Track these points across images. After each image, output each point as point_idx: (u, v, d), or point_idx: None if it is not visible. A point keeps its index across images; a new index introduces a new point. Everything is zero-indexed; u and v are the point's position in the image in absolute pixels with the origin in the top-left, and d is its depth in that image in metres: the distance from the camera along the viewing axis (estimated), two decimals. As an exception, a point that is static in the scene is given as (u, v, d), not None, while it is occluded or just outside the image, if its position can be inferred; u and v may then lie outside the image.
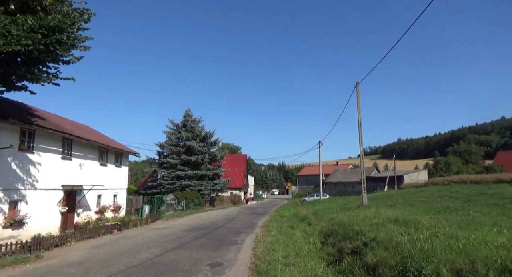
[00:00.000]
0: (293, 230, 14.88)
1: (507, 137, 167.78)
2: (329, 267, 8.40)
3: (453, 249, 6.26)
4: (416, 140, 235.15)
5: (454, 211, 13.65)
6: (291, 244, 11.04)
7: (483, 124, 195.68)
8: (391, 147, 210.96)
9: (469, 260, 5.37)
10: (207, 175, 35.57)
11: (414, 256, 6.21)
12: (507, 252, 5.47)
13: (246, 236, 13.47)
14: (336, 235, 11.61)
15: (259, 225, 17.51)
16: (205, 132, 37.46)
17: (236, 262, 8.74)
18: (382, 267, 6.82)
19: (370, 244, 8.49)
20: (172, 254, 9.61)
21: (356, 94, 21.93)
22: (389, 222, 10.79)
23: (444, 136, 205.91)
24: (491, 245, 6.24)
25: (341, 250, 9.55)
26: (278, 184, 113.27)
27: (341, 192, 54.98)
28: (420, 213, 13.00)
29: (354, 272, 7.37)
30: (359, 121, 21.70)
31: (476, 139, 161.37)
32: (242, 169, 51.61)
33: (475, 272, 4.88)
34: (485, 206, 14.98)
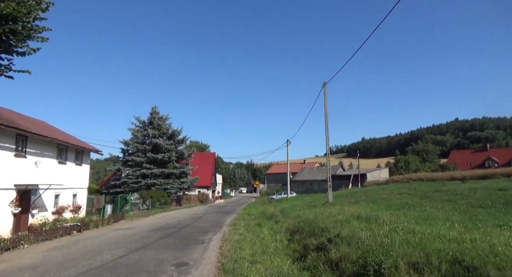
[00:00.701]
0: (260, 228, 14.98)
1: (460, 138, 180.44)
2: (295, 264, 8.55)
3: (410, 243, 6.59)
4: (379, 139, 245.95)
5: (412, 207, 14.42)
6: (258, 242, 11.11)
7: (439, 125, 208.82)
8: (356, 146, 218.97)
9: (424, 253, 5.69)
10: (174, 174, 34.86)
11: (374, 251, 6.48)
12: (457, 245, 5.87)
13: (213, 235, 13.37)
14: (302, 232, 11.84)
15: (227, 224, 17.45)
16: (172, 130, 36.65)
17: (203, 261, 8.64)
18: (345, 262, 7.05)
19: (334, 240, 8.74)
20: (136, 255, 9.31)
21: (324, 95, 22.49)
22: (352, 218, 11.18)
23: (404, 136, 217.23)
24: (444, 238, 6.65)
25: (307, 247, 9.74)
26: (246, 183, 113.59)
27: (307, 190, 56.21)
28: (381, 210, 13.59)
29: (318, 268, 7.55)
30: (326, 120, 22.29)
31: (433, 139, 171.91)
32: (210, 167, 51.14)
33: (429, 264, 5.18)
34: (440, 202, 15.99)
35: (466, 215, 10.85)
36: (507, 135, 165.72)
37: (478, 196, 16.61)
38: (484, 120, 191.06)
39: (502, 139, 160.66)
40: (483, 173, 33.53)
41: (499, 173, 31.67)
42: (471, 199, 15.82)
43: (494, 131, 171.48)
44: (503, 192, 16.78)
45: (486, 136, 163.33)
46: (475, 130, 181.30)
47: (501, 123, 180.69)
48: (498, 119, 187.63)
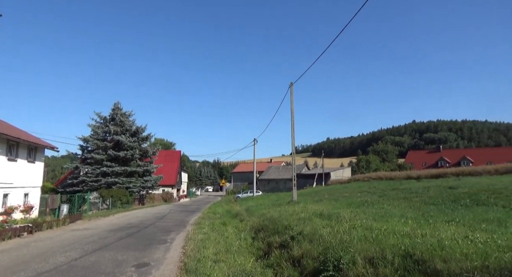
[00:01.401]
0: (225, 226, 14.92)
1: (417, 139, 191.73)
2: (258, 262, 8.60)
3: (368, 239, 6.88)
4: (343, 139, 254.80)
5: (371, 205, 15.07)
6: (222, 241, 11.05)
7: (398, 127, 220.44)
8: (321, 146, 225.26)
9: (380, 248, 5.96)
10: (137, 172, 33.71)
11: (334, 247, 6.68)
12: (409, 240, 6.21)
13: (176, 235, 13.10)
14: (266, 230, 11.96)
15: (191, 223, 17.18)
16: (136, 127, 35.39)
17: (165, 261, 8.43)
18: (306, 258, 7.21)
19: (297, 237, 8.92)
20: (93, 257, 8.87)
21: (290, 95, 22.84)
22: (315, 216, 11.46)
23: (366, 137, 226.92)
24: (398, 234, 7.01)
25: (270, 245, 9.86)
26: (212, 181, 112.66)
27: (273, 189, 56.89)
28: (343, 208, 14.06)
29: (281, 265, 7.66)
30: (292, 120, 22.66)
31: (392, 140, 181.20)
32: (175, 165, 50.08)
33: (384, 259, 5.44)
34: (396, 200, 16.82)
35: (419, 212, 11.51)
36: (458, 137, 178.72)
37: (430, 194, 17.67)
38: (438, 122, 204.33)
39: (453, 140, 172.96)
40: (436, 172, 35.91)
41: (450, 172, 34.10)
42: (424, 197, 16.81)
43: (446, 133, 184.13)
44: (453, 190, 18.02)
45: (439, 138, 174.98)
46: (430, 132, 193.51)
47: (453, 125, 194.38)
48: (450, 121, 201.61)
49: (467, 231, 6.59)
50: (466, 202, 13.75)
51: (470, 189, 17.15)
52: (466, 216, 9.57)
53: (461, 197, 14.99)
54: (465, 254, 4.55)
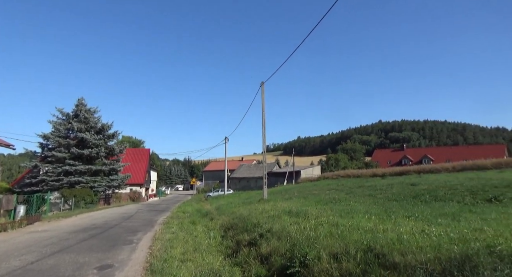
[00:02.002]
0: (194, 225, 14.73)
1: (383, 138, 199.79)
2: (227, 260, 8.59)
3: (333, 235, 7.06)
4: (313, 138, 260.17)
5: (338, 202, 15.49)
6: (191, 240, 10.90)
7: (365, 126, 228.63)
8: (292, 144, 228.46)
9: (344, 244, 6.14)
10: (103, 171, 32.40)
11: (300, 243, 6.81)
12: (372, 235, 6.46)
13: (143, 235, 12.75)
14: (236, 228, 11.96)
15: (159, 223, 16.80)
16: (101, 124, 33.96)
17: (129, 262, 8.18)
18: (274, 255, 7.29)
19: (266, 235, 8.99)
20: (52, 260, 8.41)
21: (261, 93, 22.95)
22: (284, 214, 11.60)
23: (336, 136, 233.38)
24: (361, 230, 7.26)
25: (239, 243, 9.87)
26: (183, 180, 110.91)
27: (245, 187, 57.01)
28: (311, 205, 14.34)
29: (249, 263, 7.69)
30: (263, 119, 22.79)
31: (360, 139, 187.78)
32: (144, 164, 48.72)
33: (347, 254, 5.61)
34: (362, 197, 17.43)
35: (383, 208, 11.98)
36: (420, 136, 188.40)
37: (394, 191, 18.46)
38: (402, 122, 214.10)
39: (416, 140, 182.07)
40: (399, 170, 37.65)
41: (412, 170, 35.86)
42: (388, 194, 17.54)
43: (410, 133, 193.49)
44: (414, 187, 18.94)
45: (403, 137, 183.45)
46: (395, 131, 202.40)
47: (416, 125, 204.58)
48: (413, 121, 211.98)
49: (424, 226, 6.95)
50: (426, 198, 14.49)
51: (430, 186, 18.09)
52: (424, 211, 10.09)
53: (421, 193, 15.77)
54: (420, 247, 4.79)
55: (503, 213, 8.72)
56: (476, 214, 8.94)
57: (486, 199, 12.57)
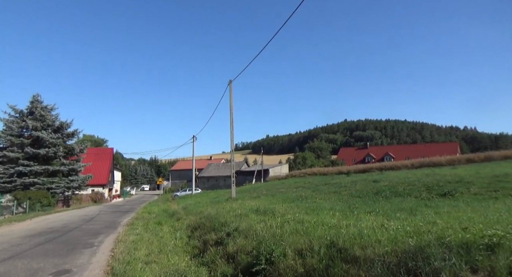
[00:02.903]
0: (160, 226, 14.39)
1: (348, 136, 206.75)
2: (193, 260, 8.47)
3: (299, 232, 7.18)
4: (282, 137, 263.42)
5: (305, 199, 15.80)
6: (156, 241, 10.63)
7: (332, 125, 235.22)
8: (261, 143, 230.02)
9: (309, 240, 6.26)
10: (61, 171, 30.65)
11: (266, 241, 6.87)
12: (335, 231, 6.65)
13: (105, 237, 12.22)
14: (203, 228, 11.82)
15: (123, 224, 16.20)
16: (60, 122, 32.09)
17: (89, 266, 7.81)
18: (241, 254, 7.29)
19: (233, 234, 8.97)
20: (2, 267, 7.81)
21: (229, 92, 22.85)
22: (251, 212, 11.62)
23: (303, 134, 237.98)
24: (326, 226, 7.45)
25: (206, 242, 9.77)
26: (149, 180, 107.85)
27: (213, 186, 56.58)
28: (279, 203, 14.50)
29: (216, 262, 7.64)
30: (231, 117, 22.71)
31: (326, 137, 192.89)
32: (107, 164, 46.76)
33: (312, 250, 5.73)
34: (328, 194, 17.93)
35: (346, 204, 12.39)
36: (382, 135, 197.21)
37: (357, 187, 19.19)
38: (366, 121, 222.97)
39: (378, 138, 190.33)
40: (363, 167, 39.21)
41: (375, 167, 37.50)
42: (352, 190, 18.21)
43: (373, 132, 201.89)
44: (376, 183, 19.81)
45: (367, 136, 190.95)
46: (359, 130, 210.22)
47: (378, 124, 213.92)
48: (376, 121, 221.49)
49: (383, 220, 7.27)
50: (386, 194, 15.21)
51: (390, 182, 19.01)
52: (385, 207, 10.57)
53: (382, 190, 16.53)
54: (379, 240, 5.01)
55: (455, 206, 9.36)
56: (431, 208, 9.51)
57: (440, 194, 13.43)
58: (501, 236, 3.75)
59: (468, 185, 14.39)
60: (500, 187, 12.87)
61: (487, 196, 11.82)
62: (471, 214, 6.77)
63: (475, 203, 9.87)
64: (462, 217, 6.46)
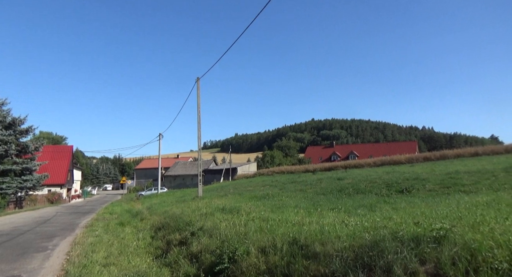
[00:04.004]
0: (122, 227, 13.88)
1: (315, 135, 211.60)
2: (156, 261, 8.26)
3: (263, 230, 7.22)
4: (250, 135, 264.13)
5: (271, 197, 15.93)
6: (116, 243, 10.23)
7: (299, 124, 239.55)
8: (229, 141, 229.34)
9: (272, 237, 6.31)
10: (13, 170, 28.54)
11: (230, 240, 6.83)
12: (298, 227, 6.75)
13: (61, 240, 11.55)
14: (167, 228, 11.56)
15: (82, 226, 15.41)
16: (12, 118, 29.82)
17: (41, 271, 7.33)
18: (205, 253, 7.20)
19: (197, 233, 8.84)
20: None
21: (197, 89, 22.50)
22: (217, 211, 11.52)
23: (272, 133, 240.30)
24: (289, 223, 7.56)
25: (170, 242, 9.57)
26: (112, 179, 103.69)
27: (180, 185, 55.56)
28: (245, 201, 14.50)
29: (179, 262, 7.49)
30: (199, 115, 22.39)
31: (294, 136, 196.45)
32: (65, 162, 44.27)
33: (274, 247, 5.77)
34: (294, 192, 18.22)
35: (311, 202, 12.65)
36: (348, 134, 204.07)
37: (322, 185, 19.68)
38: (332, 121, 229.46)
39: (344, 137, 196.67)
40: (328, 165, 40.29)
41: (340, 165, 38.67)
42: (317, 188, 18.63)
43: (339, 131, 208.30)
44: (340, 181, 20.42)
45: (333, 135, 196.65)
46: (326, 129, 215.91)
47: (344, 124, 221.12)
48: (342, 120, 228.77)
49: (345, 217, 7.50)
50: (349, 191, 15.74)
51: (353, 180, 19.69)
52: (347, 204, 10.91)
53: (346, 187, 17.08)
54: (339, 236, 5.15)
55: (411, 202, 9.86)
56: (389, 204, 9.95)
57: (399, 191, 14.12)
58: (447, 229, 4.00)
59: (424, 182, 15.23)
60: (452, 184, 13.75)
61: (440, 192, 12.58)
62: (424, 209, 7.16)
63: (429, 199, 10.47)
64: (416, 212, 6.82)
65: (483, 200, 7.63)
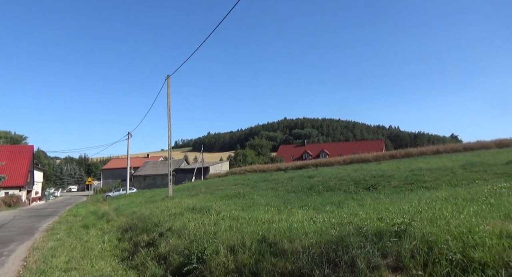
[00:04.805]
0: (87, 229, 13.29)
1: (287, 134, 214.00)
2: (122, 264, 7.99)
3: (233, 229, 7.18)
4: (223, 134, 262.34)
5: (243, 196, 15.91)
6: (80, 246, 9.78)
7: (272, 123, 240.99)
8: (202, 140, 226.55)
9: (241, 236, 6.28)
10: (-33, 172, 26.55)
11: (199, 239, 6.73)
12: (268, 225, 6.77)
13: (18, 245, 10.83)
14: (135, 229, 11.23)
15: (42, 229, 14.56)
16: (-35, 114, 27.70)
17: (-6, 280, 6.84)
18: (173, 254, 7.05)
19: (166, 234, 8.66)
20: None
21: (167, 87, 22.01)
22: (187, 210, 11.33)
23: (245, 132, 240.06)
24: (260, 221, 7.56)
25: (137, 244, 9.31)
26: (77, 180, 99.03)
27: (150, 185, 54.15)
28: (216, 200, 14.38)
29: (146, 264, 7.29)
30: (169, 113, 21.92)
31: (267, 135, 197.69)
32: (25, 163, 41.67)
33: (243, 246, 5.74)
34: (265, 190, 18.29)
35: (282, 200, 12.78)
36: (319, 133, 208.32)
37: (293, 183, 19.91)
38: (304, 120, 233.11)
39: (315, 136, 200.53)
40: (300, 164, 40.95)
41: (311, 163, 39.42)
42: (288, 186, 18.83)
43: (310, 130, 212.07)
44: (311, 179, 20.77)
45: (305, 133, 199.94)
46: (298, 128, 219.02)
47: (315, 123, 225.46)
48: (313, 119, 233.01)
49: (313, 214, 7.62)
50: (319, 189, 16.05)
51: (323, 178, 20.10)
52: (316, 201, 11.12)
53: (316, 185, 17.40)
54: (306, 233, 5.21)
55: (376, 198, 10.22)
56: (356, 201, 10.25)
57: (366, 188, 14.60)
58: (407, 224, 4.16)
59: (389, 179, 15.86)
60: (415, 180, 14.43)
61: (404, 188, 13.14)
62: (388, 205, 7.43)
63: (394, 195, 10.90)
64: (381, 208, 7.06)
65: (442, 195, 8.03)
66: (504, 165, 14.93)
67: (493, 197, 6.55)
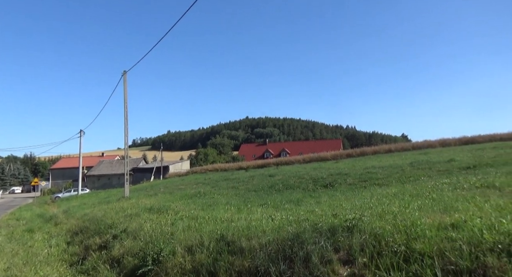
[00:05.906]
0: (31, 234, 12.33)
1: (249, 133, 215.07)
2: (70, 269, 7.52)
3: (191, 229, 7.06)
4: (184, 133, 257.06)
5: (203, 196, 15.72)
6: (22, 252, 9.05)
7: (234, 122, 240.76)
8: (161, 139, 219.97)
9: (200, 235, 6.19)
10: None
11: (155, 240, 6.53)
12: (227, 224, 6.75)
13: None
14: (86, 232, 10.64)
15: (-24, 236, 13.25)
16: None
17: None
18: (127, 257, 6.79)
19: (120, 236, 8.31)
20: None
21: (124, 83, 21.07)
22: (144, 211, 10.97)
23: (206, 130, 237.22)
24: (219, 220, 7.51)
25: (89, 248, 8.85)
26: (22, 181, 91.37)
27: (105, 185, 51.57)
28: (176, 200, 14.07)
29: (97, 268, 6.94)
30: (125, 111, 21.01)
31: (229, 134, 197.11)
32: (-39, 162, 37.71)
33: (202, 245, 5.67)
34: (226, 189, 18.23)
35: (242, 199, 12.81)
36: (280, 132, 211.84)
37: (254, 182, 20.05)
38: (266, 119, 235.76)
39: (277, 135, 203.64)
40: (261, 163, 41.34)
41: (272, 162, 39.97)
42: (249, 185, 18.93)
43: (272, 129, 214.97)
44: (271, 177, 21.04)
45: (267, 132, 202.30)
46: (259, 127, 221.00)
47: (277, 122, 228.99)
48: (275, 119, 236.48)
49: (272, 212, 7.73)
50: (279, 187, 16.31)
51: (284, 176, 20.46)
52: (276, 199, 11.29)
53: (276, 183, 17.66)
54: (264, 231, 5.27)
55: (333, 196, 10.62)
56: (314, 198, 10.57)
57: (323, 185, 15.10)
58: (358, 219, 4.38)
59: (346, 177, 16.54)
60: (369, 178, 15.19)
61: (358, 185, 13.78)
62: (343, 202, 7.76)
63: (349, 192, 11.40)
64: (336, 204, 7.36)
65: (392, 191, 8.55)
66: (446, 162, 16.21)
67: (435, 192, 7.09)
